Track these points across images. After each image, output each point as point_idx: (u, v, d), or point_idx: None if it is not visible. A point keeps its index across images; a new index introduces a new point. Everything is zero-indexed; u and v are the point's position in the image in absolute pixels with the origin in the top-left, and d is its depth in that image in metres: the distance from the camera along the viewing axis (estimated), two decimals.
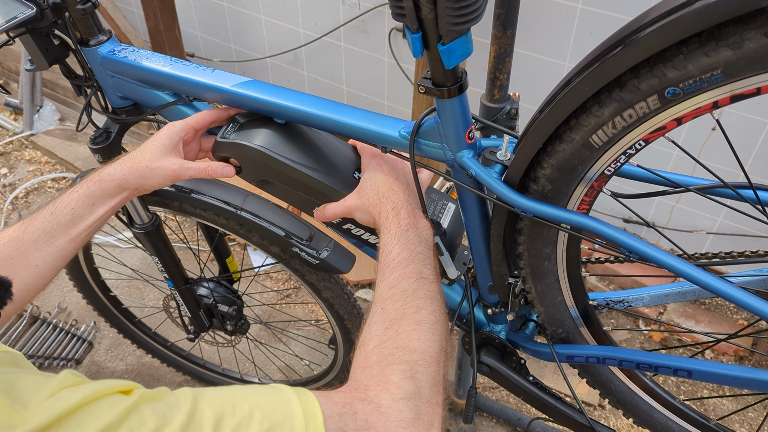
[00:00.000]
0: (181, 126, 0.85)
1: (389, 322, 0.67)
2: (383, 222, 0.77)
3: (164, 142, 0.83)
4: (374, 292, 0.73)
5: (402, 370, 0.61)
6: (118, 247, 2.23)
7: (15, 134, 2.75)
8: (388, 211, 0.78)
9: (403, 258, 0.73)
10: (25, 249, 0.79)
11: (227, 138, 0.84)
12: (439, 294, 0.73)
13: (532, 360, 1.73)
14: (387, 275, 0.72)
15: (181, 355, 1.74)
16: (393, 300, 0.69)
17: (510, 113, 1.14)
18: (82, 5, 0.86)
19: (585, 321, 0.94)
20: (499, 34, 1.05)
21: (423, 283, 0.71)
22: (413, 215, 0.78)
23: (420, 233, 0.77)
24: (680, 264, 0.69)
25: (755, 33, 0.49)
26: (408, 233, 0.75)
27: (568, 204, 0.74)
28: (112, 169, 0.83)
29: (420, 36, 0.63)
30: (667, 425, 1.04)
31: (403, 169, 0.83)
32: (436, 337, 0.66)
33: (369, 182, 0.81)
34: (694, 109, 0.58)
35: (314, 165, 0.84)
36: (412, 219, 0.77)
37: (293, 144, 0.84)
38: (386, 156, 0.83)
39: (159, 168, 0.82)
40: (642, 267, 1.90)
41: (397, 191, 0.80)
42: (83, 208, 0.82)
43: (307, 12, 2.30)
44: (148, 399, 0.52)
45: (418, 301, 0.69)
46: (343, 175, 0.85)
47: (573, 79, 0.61)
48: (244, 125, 0.86)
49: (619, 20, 1.60)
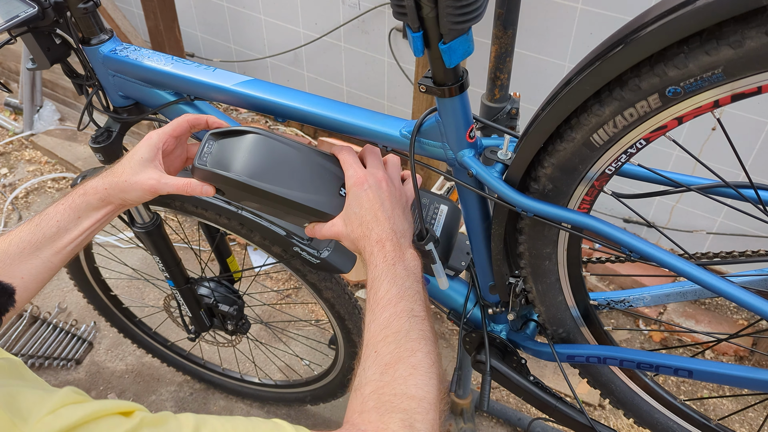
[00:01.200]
0: (158, 137, 0.83)
1: (385, 366, 0.65)
2: (369, 257, 0.76)
3: (142, 155, 0.81)
4: (365, 331, 0.71)
5: (401, 419, 0.61)
6: (119, 246, 2.23)
7: (15, 134, 2.75)
8: (373, 245, 0.76)
9: (393, 295, 0.71)
10: (9, 261, 0.79)
11: (204, 164, 0.80)
12: (431, 332, 0.72)
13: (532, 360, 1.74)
14: (377, 315, 0.71)
15: (181, 355, 1.74)
16: (386, 342, 0.68)
17: (510, 113, 1.14)
18: (83, 4, 0.86)
19: (586, 321, 0.94)
20: (499, 33, 1.05)
21: (415, 322, 0.70)
22: (399, 247, 0.76)
23: (407, 266, 0.75)
24: (682, 263, 0.69)
25: (756, 32, 0.49)
26: (395, 267, 0.74)
27: (569, 203, 0.74)
28: (95, 183, 0.82)
29: (421, 35, 0.63)
30: (667, 425, 1.04)
31: (388, 190, 0.79)
32: (433, 382, 0.66)
33: (353, 209, 0.78)
34: (695, 108, 0.58)
35: (298, 188, 0.80)
36: (398, 251, 0.75)
37: (273, 166, 0.80)
38: (369, 177, 0.79)
39: (137, 183, 0.80)
40: (642, 267, 1.90)
41: (382, 220, 0.76)
42: (69, 220, 0.81)
43: (307, 12, 2.30)
44: (149, 423, 0.51)
45: (412, 343, 0.68)
46: (328, 194, 0.82)
47: (574, 78, 0.61)
48: (221, 146, 0.81)
49: (619, 20, 1.60)
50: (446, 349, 1.90)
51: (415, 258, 0.77)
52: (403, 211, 0.80)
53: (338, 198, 0.82)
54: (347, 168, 0.80)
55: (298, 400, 1.67)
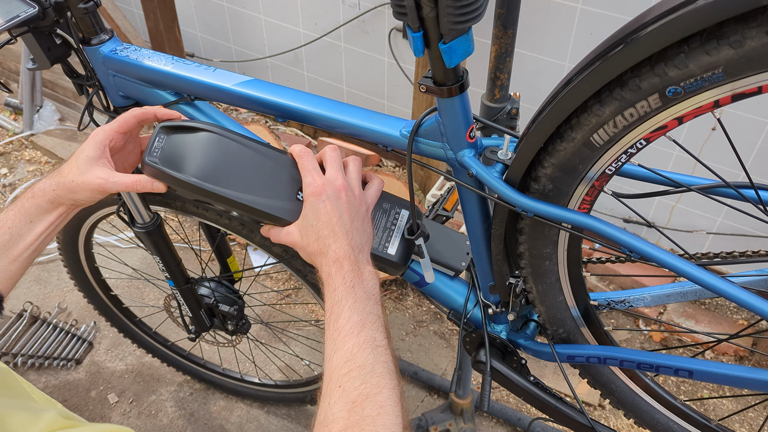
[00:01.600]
0: (104, 134, 0.81)
1: (352, 403, 0.65)
2: (327, 278, 0.73)
3: (88, 154, 0.79)
4: (326, 361, 0.70)
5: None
6: (119, 246, 2.23)
7: (15, 134, 2.75)
8: (330, 264, 0.73)
9: (354, 323, 0.70)
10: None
11: (155, 162, 0.76)
12: (393, 362, 0.71)
13: (532, 360, 1.74)
14: (339, 345, 0.69)
15: (181, 355, 1.74)
16: (351, 377, 0.67)
17: (510, 113, 1.14)
18: (84, 4, 0.86)
19: (586, 321, 0.94)
20: (499, 33, 1.05)
21: (379, 353, 0.69)
22: (357, 265, 0.74)
23: (366, 287, 0.73)
24: (682, 264, 0.69)
25: (756, 31, 0.49)
26: (355, 290, 0.72)
27: (569, 203, 0.74)
28: (43, 184, 0.80)
29: (421, 35, 0.63)
30: (668, 426, 1.04)
31: (347, 201, 0.77)
32: (399, 420, 0.65)
33: (309, 221, 0.75)
34: (696, 108, 0.58)
35: (252, 191, 0.77)
36: (357, 271, 0.73)
37: (226, 167, 0.76)
38: (328, 187, 0.76)
39: (84, 182, 0.78)
40: (642, 267, 1.90)
41: (340, 235, 0.74)
42: (21, 226, 0.80)
43: (307, 12, 2.30)
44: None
45: (377, 378, 0.67)
46: (284, 199, 0.78)
47: (574, 77, 0.61)
48: (172, 141, 0.77)
49: (619, 20, 1.60)
50: (446, 349, 1.90)
51: (373, 276, 0.76)
52: (362, 223, 0.78)
53: (295, 203, 0.79)
54: (305, 174, 0.77)
55: (298, 400, 1.67)
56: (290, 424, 1.72)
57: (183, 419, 1.73)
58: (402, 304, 2.04)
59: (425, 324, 1.98)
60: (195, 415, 1.74)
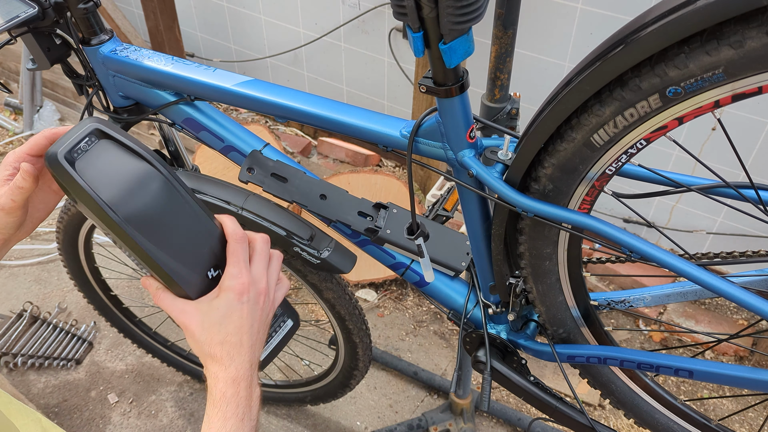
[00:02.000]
0: (13, 157, 0.73)
1: None
2: (219, 395, 0.68)
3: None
4: None
5: None
6: None
7: (15, 134, 2.75)
8: (228, 383, 0.68)
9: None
10: None
11: (62, 160, 0.61)
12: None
13: (532, 360, 1.74)
14: None
15: (181, 355, 1.74)
16: None
17: (510, 113, 1.14)
18: (83, 4, 0.86)
19: (586, 321, 0.94)
20: (499, 33, 1.05)
21: None
22: (250, 389, 0.69)
23: (253, 414, 0.69)
24: (682, 264, 0.69)
25: (757, 32, 0.49)
26: (243, 423, 0.68)
27: (569, 203, 0.74)
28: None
29: (421, 35, 0.63)
30: (668, 426, 1.04)
31: (262, 309, 0.71)
32: None
33: (217, 318, 0.68)
34: (696, 109, 0.58)
35: (162, 242, 0.65)
36: (249, 397, 0.69)
37: (148, 208, 0.64)
38: (252, 289, 0.70)
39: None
40: (642, 267, 1.90)
41: (245, 348, 0.69)
42: None
43: (307, 12, 2.30)
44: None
45: None
46: (193, 268, 0.68)
47: (574, 78, 0.61)
48: (101, 152, 0.64)
49: (619, 20, 1.60)
50: (446, 349, 1.90)
51: (258, 397, 0.72)
52: (265, 332, 0.74)
53: (203, 279, 0.69)
54: (234, 263, 0.70)
55: (298, 400, 1.67)
56: (290, 424, 1.72)
57: (183, 419, 1.73)
58: (402, 304, 2.04)
59: (425, 324, 1.98)
60: (195, 415, 1.74)
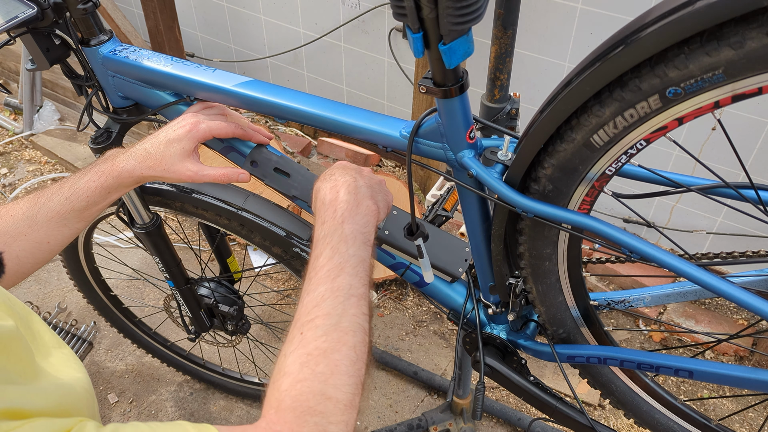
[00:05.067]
0: (203, 133, 0.85)
1: (306, 356, 0.63)
2: (320, 207, 0.73)
3: (184, 146, 0.83)
4: (299, 300, 0.68)
5: (315, 423, 0.59)
6: (119, 246, 2.23)
7: (15, 134, 2.75)
8: (327, 191, 0.73)
9: (333, 266, 0.68)
10: (38, 228, 0.83)
11: None
12: (364, 315, 0.67)
13: (532, 360, 1.73)
14: (313, 287, 0.67)
15: (181, 355, 1.74)
16: (314, 326, 0.64)
17: (510, 113, 1.14)
18: (83, 5, 0.86)
19: (586, 321, 0.94)
20: (499, 34, 1.05)
21: (350, 304, 0.66)
22: (355, 195, 0.72)
23: (357, 223, 0.71)
24: (682, 264, 0.69)
25: (757, 32, 0.49)
26: (343, 226, 0.69)
27: (569, 204, 0.74)
28: (131, 167, 0.83)
29: (421, 36, 0.63)
30: (668, 426, 1.04)
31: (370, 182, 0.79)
32: (353, 381, 0.63)
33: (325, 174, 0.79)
34: (696, 109, 0.58)
35: None
36: (353, 203, 0.71)
37: None
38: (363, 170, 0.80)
39: (177, 171, 0.83)
40: (642, 267, 1.90)
41: (349, 171, 0.76)
42: (99, 196, 0.85)
43: (307, 12, 2.30)
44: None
45: (339, 334, 0.64)
46: None
47: (574, 78, 0.61)
48: None
49: (619, 20, 1.60)
50: (446, 349, 1.90)
51: (369, 212, 0.73)
52: (378, 190, 0.79)
53: None
54: None
55: None
56: None
57: (183, 419, 1.73)
58: (402, 304, 2.04)
59: (425, 324, 1.98)
60: (195, 415, 1.74)
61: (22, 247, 0.82)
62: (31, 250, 0.83)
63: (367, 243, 0.72)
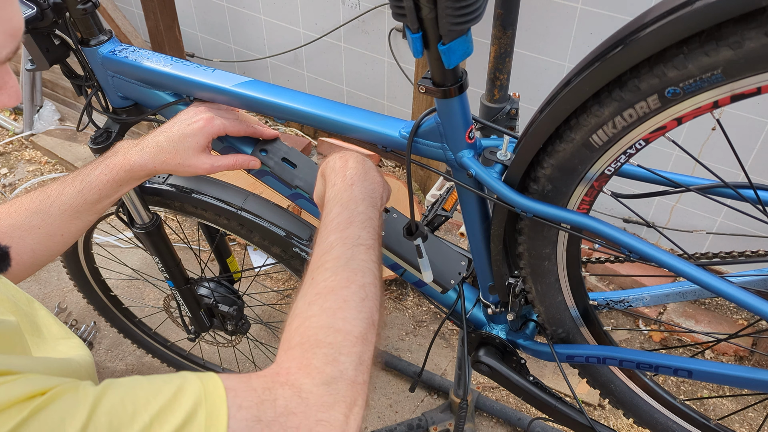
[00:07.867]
0: (217, 129, 0.87)
1: (315, 295, 0.63)
2: (330, 174, 0.76)
3: (199, 141, 0.85)
4: (311, 255, 0.69)
5: (324, 353, 0.59)
6: (119, 246, 2.23)
7: (15, 134, 2.75)
8: (336, 159, 0.76)
9: (343, 219, 0.69)
10: (51, 221, 0.85)
11: None
12: (374, 262, 0.68)
13: (532, 360, 1.73)
14: (323, 238, 0.69)
15: (181, 355, 1.74)
16: (324, 269, 0.65)
17: (510, 113, 1.14)
18: (82, 5, 0.86)
19: (585, 321, 0.94)
20: (499, 34, 1.05)
21: (359, 250, 0.67)
22: (362, 165, 0.76)
23: (366, 187, 0.74)
24: (681, 264, 0.69)
25: (756, 32, 0.49)
26: (352, 188, 0.72)
27: (568, 204, 0.74)
28: (144, 161, 0.84)
29: (420, 36, 0.63)
30: (667, 425, 1.04)
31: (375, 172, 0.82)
32: (362, 315, 0.63)
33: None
34: (695, 109, 0.58)
35: None
36: (360, 170, 0.74)
37: None
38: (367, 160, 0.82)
39: (191, 166, 0.85)
40: (642, 267, 1.90)
41: (354, 150, 0.79)
42: (110, 189, 0.86)
43: (307, 12, 2.30)
44: (41, 407, 0.47)
45: (348, 273, 0.65)
46: None
47: (573, 78, 0.61)
48: None
49: (619, 20, 1.60)
50: (446, 349, 1.90)
51: (377, 180, 0.76)
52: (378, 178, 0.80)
53: None
54: None
55: None
56: None
57: None
58: (402, 304, 2.04)
59: (425, 324, 1.98)
60: None
61: (36, 240, 0.84)
62: (45, 243, 0.85)
63: (375, 206, 0.74)
